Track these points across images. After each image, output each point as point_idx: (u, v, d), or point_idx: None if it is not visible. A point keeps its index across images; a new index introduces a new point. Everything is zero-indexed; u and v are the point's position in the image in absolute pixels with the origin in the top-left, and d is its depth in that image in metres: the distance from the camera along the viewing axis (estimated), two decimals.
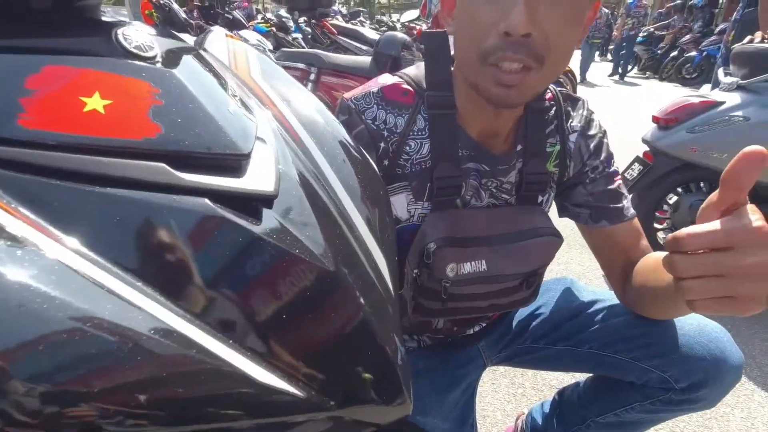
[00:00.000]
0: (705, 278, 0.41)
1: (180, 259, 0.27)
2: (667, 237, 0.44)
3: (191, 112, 0.30)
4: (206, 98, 0.32)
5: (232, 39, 0.53)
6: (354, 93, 0.68)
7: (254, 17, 7.59)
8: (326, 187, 0.41)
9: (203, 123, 0.30)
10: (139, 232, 0.26)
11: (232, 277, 0.29)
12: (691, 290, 0.43)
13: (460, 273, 0.65)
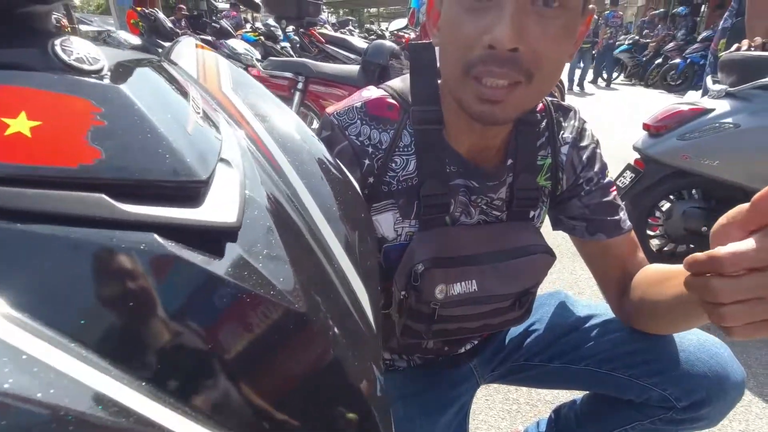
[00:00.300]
0: (747, 302, 0.38)
1: (121, 308, 0.23)
2: (695, 257, 0.40)
3: (139, 134, 0.26)
4: (160, 117, 0.28)
5: (203, 49, 0.49)
6: (337, 108, 0.65)
7: (243, 26, 7.57)
8: (302, 212, 0.37)
9: (153, 146, 0.26)
10: (70, 276, 0.22)
11: (185, 326, 0.25)
12: (732, 316, 0.39)
13: (450, 294, 0.62)
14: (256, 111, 0.43)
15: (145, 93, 0.29)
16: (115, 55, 0.32)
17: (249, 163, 0.35)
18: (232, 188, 0.30)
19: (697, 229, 1.84)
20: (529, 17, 0.47)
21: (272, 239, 0.30)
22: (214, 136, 0.33)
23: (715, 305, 0.39)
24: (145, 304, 0.24)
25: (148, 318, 0.24)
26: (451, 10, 0.52)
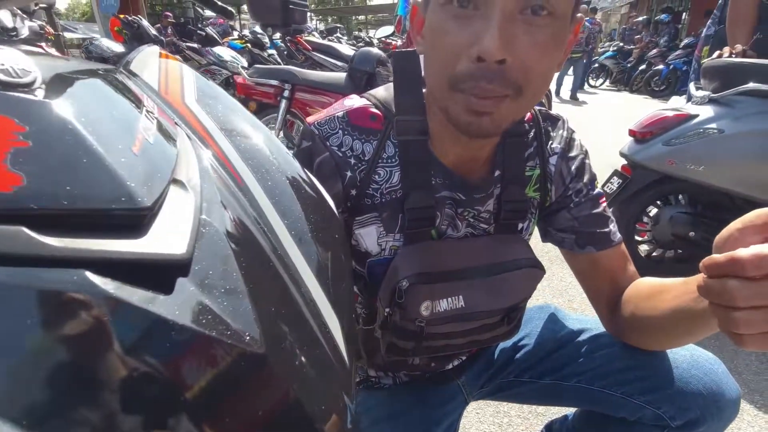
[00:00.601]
0: (763, 309, 0.36)
1: (44, 363, 0.20)
2: (713, 259, 0.38)
3: (72, 156, 0.23)
4: (100, 136, 0.25)
5: (167, 58, 0.46)
6: (317, 117, 0.62)
7: (230, 34, 7.54)
8: (269, 235, 0.34)
9: (88, 169, 0.23)
10: None
11: (123, 379, 0.21)
12: (746, 322, 0.37)
13: (436, 311, 0.60)
14: (223, 125, 0.40)
15: (85, 109, 0.26)
16: (55, 66, 0.29)
17: (209, 183, 0.32)
18: (185, 214, 0.27)
19: (684, 234, 1.84)
20: (517, 26, 0.45)
21: (230, 269, 0.27)
22: (167, 155, 0.30)
23: (729, 310, 0.38)
24: (73, 356, 0.21)
25: (76, 373, 0.20)
26: (436, 18, 0.49)
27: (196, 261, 0.26)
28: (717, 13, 2.20)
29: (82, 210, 0.22)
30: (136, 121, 0.29)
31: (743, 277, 0.37)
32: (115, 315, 0.22)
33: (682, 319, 0.54)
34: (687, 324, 0.53)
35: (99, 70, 0.35)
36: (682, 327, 0.55)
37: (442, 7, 0.48)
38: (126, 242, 0.23)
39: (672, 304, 0.55)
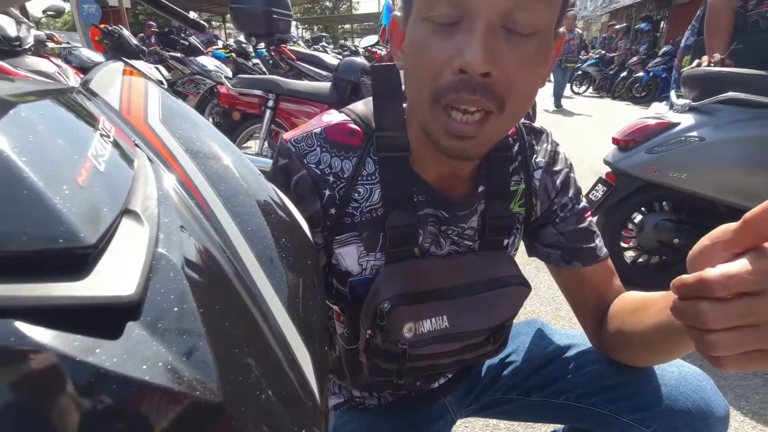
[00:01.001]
0: (737, 330, 0.34)
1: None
2: (682, 280, 0.36)
3: (1, 191, 0.21)
4: (37, 167, 0.22)
5: (131, 75, 0.44)
6: (294, 134, 0.60)
7: (214, 43, 7.50)
8: (235, 264, 0.32)
9: (20, 206, 0.21)
10: None
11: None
12: (721, 344, 0.35)
13: (419, 332, 0.58)
14: (189, 146, 0.38)
15: (24, 137, 0.24)
16: (1, 88, 0.27)
17: (169, 211, 0.30)
18: (137, 249, 0.25)
19: (669, 240, 1.85)
20: (501, 40, 0.44)
21: (186, 308, 0.25)
22: (121, 183, 0.28)
23: (703, 332, 0.36)
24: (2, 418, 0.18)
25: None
26: (417, 32, 0.48)
27: (149, 301, 0.24)
28: (696, 24, 2.24)
29: (13, 252, 0.20)
30: (85, 147, 0.27)
31: (713, 298, 0.35)
32: (48, 368, 0.19)
33: (667, 335, 0.52)
34: (671, 340, 0.52)
35: (52, 91, 0.33)
36: (667, 343, 0.54)
37: (423, 21, 0.47)
38: (65, 285, 0.21)
39: (655, 320, 0.53)
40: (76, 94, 0.37)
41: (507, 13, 0.43)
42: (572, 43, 8.08)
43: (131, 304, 0.23)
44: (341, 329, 0.71)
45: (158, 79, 3.46)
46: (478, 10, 0.43)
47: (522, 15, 0.44)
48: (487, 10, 0.43)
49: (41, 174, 0.22)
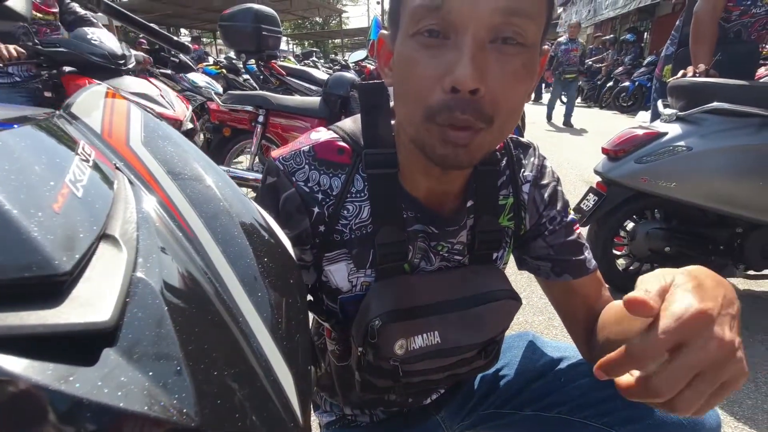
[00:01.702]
0: (690, 385, 0.35)
1: None
2: (608, 362, 0.37)
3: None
4: (11, 194, 0.22)
5: (114, 98, 0.44)
6: (282, 152, 0.60)
7: (204, 59, 7.52)
8: (217, 285, 0.32)
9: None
10: None
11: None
12: (685, 404, 0.36)
13: (411, 348, 0.57)
14: (171, 168, 0.38)
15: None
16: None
17: (149, 235, 0.30)
18: (114, 274, 0.25)
19: (660, 248, 1.87)
20: (489, 56, 0.44)
21: (164, 332, 0.25)
22: (99, 208, 0.28)
23: (665, 403, 0.36)
24: None
25: None
26: (406, 49, 0.48)
27: (126, 326, 0.24)
28: (675, 34, 2.29)
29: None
30: (63, 173, 0.27)
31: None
32: (21, 397, 0.19)
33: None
34: None
35: (31, 117, 0.33)
36: None
37: (411, 39, 0.47)
38: (38, 313, 0.21)
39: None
40: (57, 118, 0.37)
41: (494, 28, 0.44)
42: (574, 54, 7.16)
43: (107, 330, 0.22)
44: (332, 346, 0.70)
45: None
46: (466, 26, 0.44)
47: (508, 30, 0.44)
48: (475, 26, 0.43)
49: (16, 202, 0.22)
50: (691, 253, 1.81)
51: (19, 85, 2.25)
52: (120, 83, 2.29)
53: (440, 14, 0.44)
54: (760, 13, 1.96)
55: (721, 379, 0.35)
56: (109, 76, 2.27)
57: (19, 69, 2.22)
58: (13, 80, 2.25)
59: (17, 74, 2.26)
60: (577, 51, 7.16)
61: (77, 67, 2.23)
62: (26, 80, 2.26)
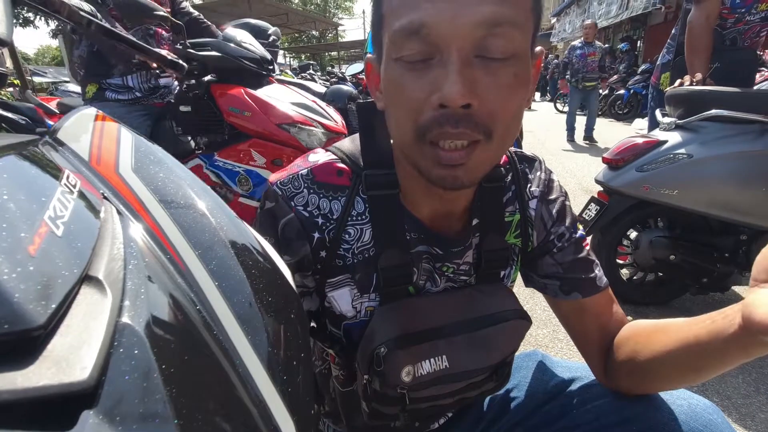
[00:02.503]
0: None
1: None
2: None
3: None
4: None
5: (104, 121, 0.42)
6: (280, 176, 0.58)
7: None
8: (212, 324, 0.29)
9: None
10: None
11: None
12: None
13: (418, 374, 0.55)
14: (163, 195, 0.35)
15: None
16: None
17: (137, 272, 0.28)
18: (95, 323, 0.22)
19: (665, 257, 1.84)
20: (477, 70, 0.43)
21: (151, 387, 0.22)
22: (81, 246, 0.25)
23: None
24: None
25: None
26: (393, 72, 0.47)
27: (108, 383, 0.21)
28: (672, 43, 2.30)
29: None
30: (42, 210, 0.25)
31: None
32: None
33: (694, 353, 0.50)
34: (698, 357, 0.50)
35: (15, 145, 0.31)
36: (692, 361, 0.51)
37: (396, 62, 0.46)
38: (6, 376, 0.18)
39: (682, 335, 0.52)
40: (42, 145, 0.35)
41: (478, 42, 0.43)
42: (592, 59, 6.11)
43: (86, 390, 0.20)
44: (336, 371, 0.67)
45: None
46: (449, 44, 0.42)
47: (494, 42, 0.43)
48: (458, 43, 0.42)
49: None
50: (696, 261, 1.79)
51: (140, 101, 1.93)
52: (270, 92, 1.91)
53: (420, 36, 0.43)
54: (754, 20, 1.97)
55: None
56: (257, 83, 1.92)
57: (139, 81, 1.90)
58: (133, 96, 1.92)
59: (137, 88, 1.92)
60: (595, 55, 6.13)
61: (222, 75, 1.87)
62: (147, 95, 1.95)
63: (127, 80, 1.90)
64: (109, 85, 1.88)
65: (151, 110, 1.96)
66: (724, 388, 1.53)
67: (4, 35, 0.28)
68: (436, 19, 0.42)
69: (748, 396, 1.50)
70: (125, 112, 1.88)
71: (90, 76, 1.88)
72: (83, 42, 1.87)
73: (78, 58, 1.88)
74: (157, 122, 1.95)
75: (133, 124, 1.84)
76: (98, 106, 1.77)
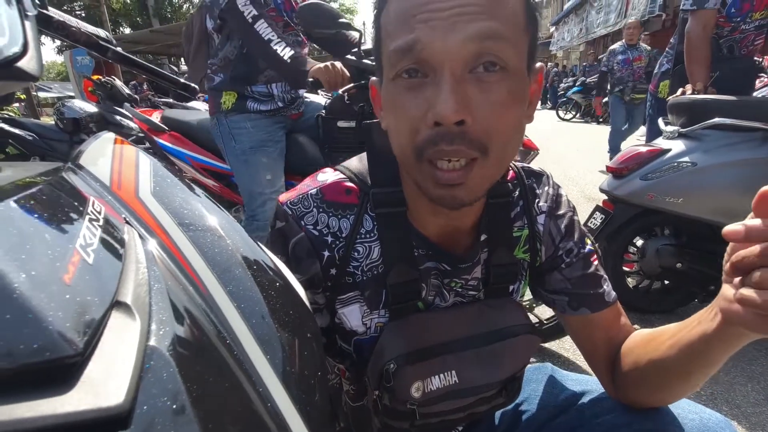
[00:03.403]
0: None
1: None
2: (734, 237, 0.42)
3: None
4: (21, 272, 0.21)
5: (122, 144, 0.43)
6: (290, 196, 0.59)
7: None
8: (234, 346, 0.30)
9: (2, 318, 0.19)
10: None
11: None
12: None
13: (428, 390, 0.55)
14: (181, 219, 0.37)
15: (7, 238, 0.22)
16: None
17: (161, 296, 0.29)
18: (127, 348, 0.23)
19: (671, 265, 1.84)
20: (471, 86, 0.44)
21: (180, 407, 0.23)
22: (110, 272, 0.26)
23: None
24: None
25: None
26: (390, 93, 0.48)
27: (140, 405, 0.22)
28: (671, 51, 2.32)
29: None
30: (73, 238, 0.26)
31: None
32: None
33: (684, 355, 0.52)
34: (688, 359, 0.51)
35: (40, 176, 0.32)
36: (684, 364, 0.52)
37: (392, 82, 0.47)
38: (49, 401, 0.19)
39: (671, 341, 0.53)
40: (65, 172, 0.36)
41: (470, 59, 0.43)
42: (638, 65, 4.85)
43: (121, 414, 0.21)
44: (347, 386, 0.68)
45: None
46: (442, 62, 0.43)
47: (485, 57, 0.44)
48: (451, 60, 0.43)
49: (26, 280, 0.21)
50: (703, 268, 1.79)
51: (280, 112, 1.70)
52: None
53: (414, 54, 0.44)
54: (748, 29, 1.99)
55: None
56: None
57: (282, 89, 1.67)
58: (275, 106, 1.67)
59: (279, 97, 1.68)
60: (642, 60, 4.87)
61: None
62: (287, 105, 1.71)
63: (272, 88, 1.65)
64: (252, 93, 1.64)
65: (286, 122, 1.74)
66: (734, 397, 1.52)
67: (36, 72, 0.30)
68: (429, 38, 0.43)
69: (758, 404, 1.48)
70: (269, 123, 1.66)
71: (234, 82, 1.62)
72: (230, 41, 1.60)
73: (222, 60, 1.62)
74: (288, 136, 1.75)
75: (275, 138, 1.68)
76: (239, 119, 1.61)
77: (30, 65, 0.30)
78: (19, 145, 3.32)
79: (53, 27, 0.57)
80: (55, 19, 0.57)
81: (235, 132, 1.64)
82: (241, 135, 1.64)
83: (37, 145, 3.34)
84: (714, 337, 0.46)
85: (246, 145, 1.63)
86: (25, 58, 0.30)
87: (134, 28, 20.57)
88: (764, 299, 0.38)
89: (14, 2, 0.31)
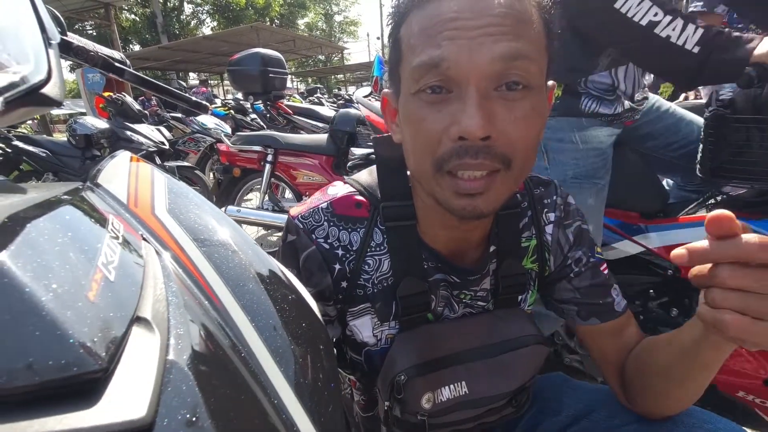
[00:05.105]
0: (746, 294, 0.38)
1: None
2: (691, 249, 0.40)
3: (7, 323, 0.20)
4: (47, 290, 0.22)
5: (138, 162, 0.44)
6: (301, 210, 0.60)
7: (213, 101, 7.74)
8: (249, 360, 0.31)
9: (30, 336, 0.20)
10: None
11: None
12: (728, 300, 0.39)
13: (438, 401, 0.56)
14: (196, 235, 0.38)
15: (32, 258, 0.24)
16: (8, 205, 0.27)
17: (178, 311, 0.29)
18: (148, 362, 0.24)
19: None
20: (495, 103, 0.45)
21: (199, 420, 0.24)
22: (131, 289, 0.27)
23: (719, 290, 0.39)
24: None
25: None
26: (411, 107, 0.48)
27: (161, 417, 0.23)
28: None
29: (23, 387, 0.19)
30: (96, 256, 0.27)
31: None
32: None
33: (679, 356, 0.52)
34: (684, 360, 0.52)
35: (61, 197, 0.33)
36: (679, 365, 0.53)
37: (414, 96, 0.47)
38: (76, 415, 0.20)
39: (669, 345, 0.54)
40: (85, 191, 0.37)
41: (496, 77, 0.44)
42: None
43: (144, 427, 0.22)
44: (358, 396, 0.68)
45: (160, 140, 3.54)
46: (468, 78, 0.44)
47: (511, 76, 0.44)
48: (477, 77, 0.44)
49: (51, 298, 0.22)
50: None
51: (620, 118, 1.07)
52: None
53: (440, 70, 0.44)
54: None
55: None
56: None
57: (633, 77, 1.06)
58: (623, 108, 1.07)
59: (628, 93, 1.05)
60: None
61: None
62: (627, 110, 1.10)
63: (617, 75, 1.06)
64: (587, 87, 1.07)
65: (615, 134, 1.15)
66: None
67: (59, 97, 0.31)
68: (455, 56, 0.43)
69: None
70: (605, 135, 1.11)
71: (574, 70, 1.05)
72: None
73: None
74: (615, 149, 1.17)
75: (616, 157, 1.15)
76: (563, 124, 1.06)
77: (54, 91, 0.31)
78: (33, 162, 3.39)
79: (73, 52, 0.59)
80: (74, 44, 0.59)
81: None
82: None
83: (50, 161, 3.41)
84: (703, 338, 0.47)
85: None
86: (50, 84, 0.31)
87: (143, 45, 20.98)
88: (713, 316, 0.40)
89: (39, 31, 0.33)
